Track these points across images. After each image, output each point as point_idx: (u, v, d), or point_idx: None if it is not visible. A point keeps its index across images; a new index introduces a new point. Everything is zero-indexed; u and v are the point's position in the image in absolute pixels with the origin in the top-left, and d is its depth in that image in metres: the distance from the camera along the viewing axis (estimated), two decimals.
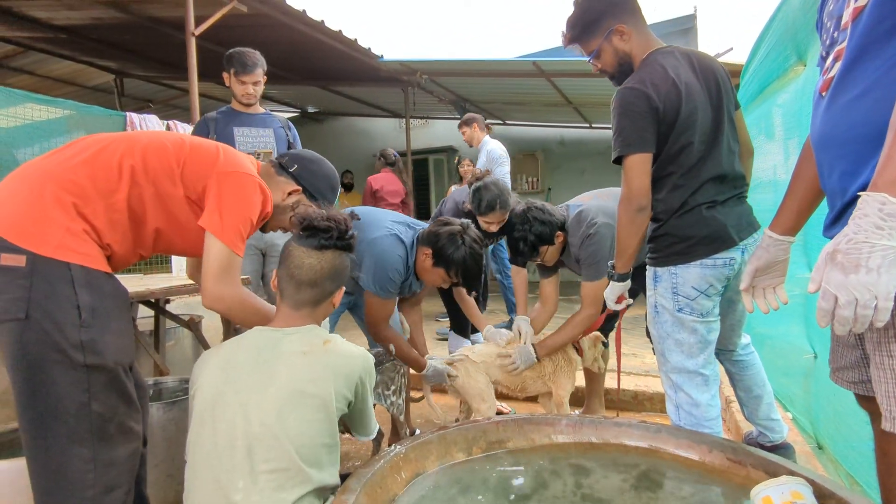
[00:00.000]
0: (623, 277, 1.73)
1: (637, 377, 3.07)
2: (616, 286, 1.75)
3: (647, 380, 3.01)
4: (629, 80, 1.60)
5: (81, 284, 1.13)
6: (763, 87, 2.82)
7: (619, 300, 1.79)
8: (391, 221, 2.16)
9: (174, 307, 3.04)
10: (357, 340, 1.90)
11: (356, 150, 9.49)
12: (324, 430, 1.20)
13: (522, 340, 2.36)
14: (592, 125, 7.81)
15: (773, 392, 1.98)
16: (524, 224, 2.24)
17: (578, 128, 8.06)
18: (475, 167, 4.57)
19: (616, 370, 2.17)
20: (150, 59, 6.16)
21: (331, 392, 1.20)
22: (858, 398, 1.11)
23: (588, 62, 1.74)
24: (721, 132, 1.62)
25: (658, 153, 1.59)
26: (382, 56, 5.72)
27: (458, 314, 2.75)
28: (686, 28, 7.02)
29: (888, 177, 0.77)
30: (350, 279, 1.51)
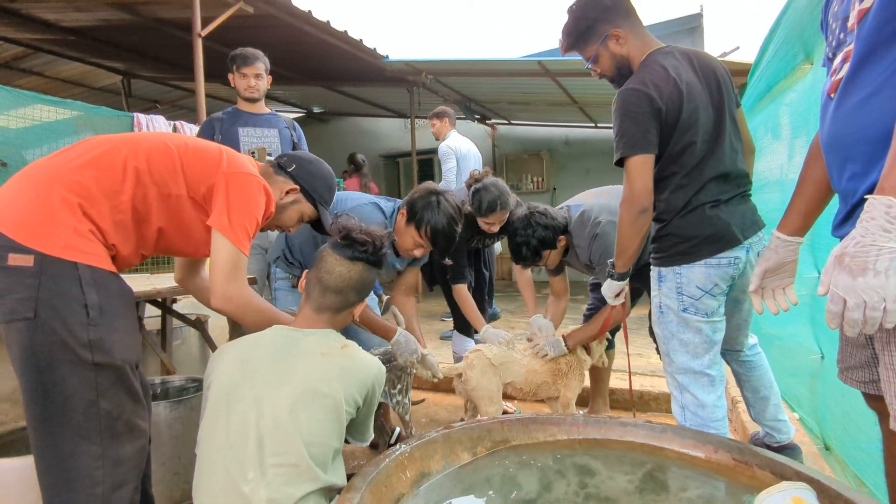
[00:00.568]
0: (622, 277, 1.73)
1: (642, 377, 3.06)
2: (615, 284, 1.75)
3: (653, 380, 3.00)
4: (630, 81, 1.59)
5: (89, 284, 1.14)
6: (771, 87, 2.81)
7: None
8: (373, 197, 2.19)
9: (181, 307, 3.05)
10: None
11: (361, 151, 9.47)
12: (333, 432, 1.21)
13: (544, 336, 2.37)
14: (598, 125, 7.79)
15: (780, 392, 1.97)
16: (527, 229, 2.22)
17: (584, 127, 8.05)
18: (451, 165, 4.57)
19: (626, 371, 2.16)
20: (157, 60, 6.20)
21: (344, 395, 1.22)
22: (867, 398, 1.11)
23: (586, 67, 1.75)
24: (723, 131, 1.61)
25: (660, 153, 1.59)
26: (388, 56, 5.73)
27: (462, 314, 2.73)
28: (692, 27, 6.99)
29: (894, 180, 0.77)
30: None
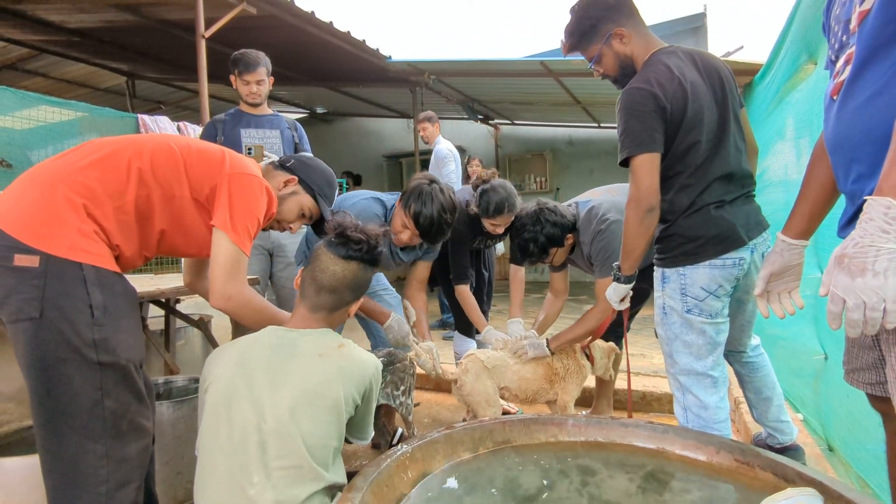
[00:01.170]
0: (629, 279, 1.70)
1: (645, 377, 3.06)
2: (620, 287, 1.72)
3: (656, 380, 2.99)
4: (634, 81, 1.59)
5: (94, 284, 1.15)
6: (780, 88, 2.80)
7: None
8: (377, 193, 2.20)
9: (184, 307, 3.06)
10: (362, 343, 1.90)
11: (365, 151, 9.54)
12: (333, 432, 1.21)
13: (519, 337, 2.34)
14: (601, 125, 7.78)
15: (784, 393, 1.96)
16: (535, 225, 2.17)
17: (587, 127, 8.04)
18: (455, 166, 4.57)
19: (626, 372, 2.14)
20: (161, 62, 6.24)
21: (343, 395, 1.22)
22: (871, 399, 1.10)
23: (589, 68, 1.74)
24: (727, 131, 1.61)
25: (665, 153, 1.58)
26: (391, 57, 5.74)
27: (463, 315, 2.69)
28: (696, 27, 6.98)
29: (893, 181, 0.77)
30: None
